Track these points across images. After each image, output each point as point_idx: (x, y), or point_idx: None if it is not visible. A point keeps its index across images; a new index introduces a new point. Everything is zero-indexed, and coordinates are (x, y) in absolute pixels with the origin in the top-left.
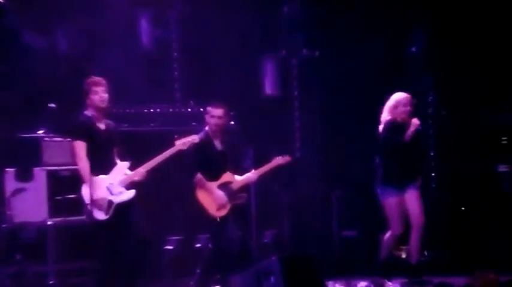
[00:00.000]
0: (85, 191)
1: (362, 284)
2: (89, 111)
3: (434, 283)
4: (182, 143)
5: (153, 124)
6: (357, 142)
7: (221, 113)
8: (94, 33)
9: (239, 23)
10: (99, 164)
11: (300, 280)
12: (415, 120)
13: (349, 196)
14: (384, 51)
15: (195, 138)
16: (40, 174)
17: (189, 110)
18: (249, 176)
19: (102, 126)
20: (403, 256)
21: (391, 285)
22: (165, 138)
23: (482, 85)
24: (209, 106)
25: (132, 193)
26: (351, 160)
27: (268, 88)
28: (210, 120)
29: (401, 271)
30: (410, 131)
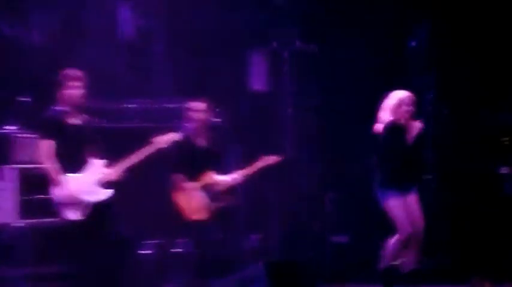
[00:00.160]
0: (57, 191)
1: None
2: (60, 106)
3: None
4: (161, 140)
5: (133, 120)
6: (353, 142)
7: (203, 107)
8: (71, 22)
9: (227, 12)
10: (72, 163)
11: None
12: (418, 123)
13: (343, 198)
14: (384, 46)
15: (174, 135)
16: (11, 173)
17: (173, 106)
18: (234, 177)
19: (75, 121)
20: (397, 263)
21: None
22: (145, 135)
23: (484, 84)
24: (191, 102)
25: (109, 192)
26: (346, 161)
27: (256, 83)
28: (192, 116)
29: (401, 280)
30: (413, 134)
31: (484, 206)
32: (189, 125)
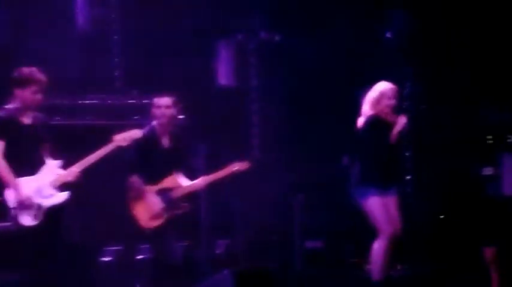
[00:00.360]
0: (9, 195)
1: None
2: (12, 104)
3: None
4: (122, 138)
5: (89, 117)
6: (324, 140)
7: (168, 102)
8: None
9: (189, 2)
10: (25, 164)
11: None
12: (402, 118)
13: (313, 201)
14: (356, 36)
15: (136, 133)
16: None
17: (131, 101)
18: (196, 183)
19: (27, 120)
20: (365, 268)
21: None
22: (103, 133)
23: (465, 78)
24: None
25: (65, 195)
26: (317, 161)
27: (222, 77)
28: (156, 112)
29: None
30: (397, 130)
31: (466, 209)
32: (155, 123)
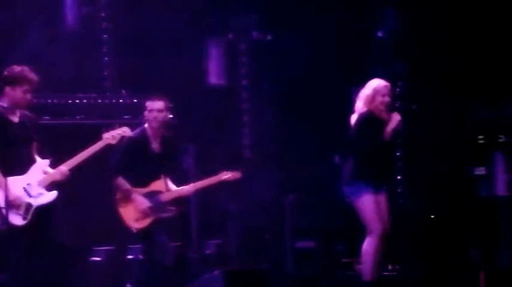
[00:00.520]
0: None
1: None
2: (1, 102)
3: None
4: (111, 136)
5: (78, 117)
6: (316, 140)
7: (161, 106)
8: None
9: (180, 1)
10: (13, 163)
11: None
12: (397, 115)
13: (305, 201)
14: (347, 34)
15: (125, 130)
16: None
17: (121, 101)
18: (185, 189)
19: (16, 119)
20: (356, 268)
21: None
22: (93, 132)
23: (457, 78)
24: (148, 100)
25: (54, 194)
26: (308, 160)
27: (213, 77)
28: (148, 116)
29: None
30: (391, 127)
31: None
32: (147, 125)
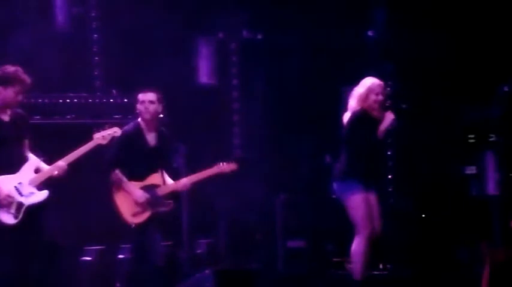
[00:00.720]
0: None
1: None
2: None
3: None
4: (101, 136)
5: (69, 116)
6: (306, 139)
7: (152, 97)
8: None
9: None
10: (4, 162)
11: None
12: (390, 114)
13: (296, 201)
14: (338, 34)
15: (116, 131)
16: None
17: (111, 100)
18: (182, 183)
19: (6, 118)
20: (347, 267)
21: None
22: (83, 132)
23: (447, 77)
24: (139, 93)
25: (45, 193)
26: (299, 160)
27: (203, 76)
28: (140, 108)
29: None
30: (384, 126)
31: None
32: (140, 119)
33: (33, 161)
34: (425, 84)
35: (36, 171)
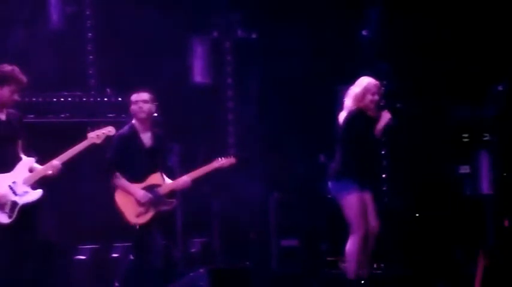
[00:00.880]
0: None
1: None
2: None
3: None
4: (96, 135)
5: (63, 115)
6: (300, 138)
7: (146, 97)
8: None
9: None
10: None
11: None
12: (387, 113)
13: (290, 199)
14: (332, 33)
15: (110, 130)
16: None
17: (106, 99)
18: (182, 180)
19: (2, 117)
20: (341, 266)
21: None
22: (78, 131)
23: (441, 76)
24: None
25: (39, 193)
26: (293, 159)
27: (198, 75)
28: (134, 108)
29: None
30: (381, 125)
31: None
32: (134, 120)
33: (27, 160)
34: (419, 84)
35: (30, 170)
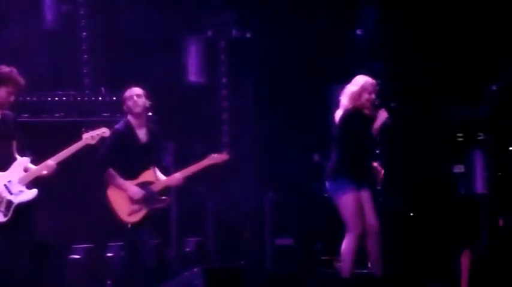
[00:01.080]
0: None
1: None
2: None
3: None
4: (90, 136)
5: (57, 114)
6: (295, 138)
7: (139, 91)
8: None
9: None
10: None
11: None
12: (383, 112)
13: (284, 199)
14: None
15: (105, 131)
16: None
17: (100, 98)
18: (175, 177)
19: None
20: (336, 265)
21: None
22: (72, 130)
23: (436, 74)
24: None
25: (34, 192)
26: (287, 158)
27: (192, 74)
28: (129, 104)
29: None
30: (378, 124)
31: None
32: (129, 117)
33: (22, 160)
34: (413, 83)
35: (25, 170)
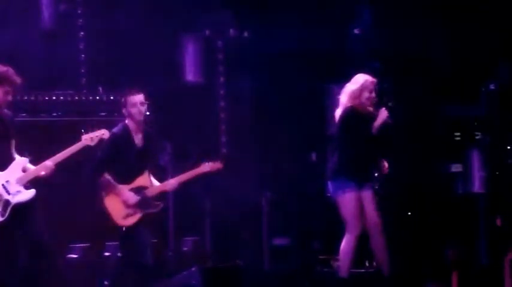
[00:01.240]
0: None
1: None
2: None
3: None
4: (89, 138)
5: (55, 114)
6: (292, 138)
7: (142, 98)
8: None
9: None
10: None
11: None
12: (384, 111)
13: (281, 199)
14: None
15: (104, 133)
16: None
17: (97, 98)
18: (169, 183)
19: None
20: (333, 265)
21: None
22: (69, 129)
23: (434, 74)
24: (127, 95)
25: (32, 192)
26: (285, 158)
27: (190, 74)
28: (131, 110)
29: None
30: (378, 123)
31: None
32: (128, 121)
33: (21, 160)
34: (411, 82)
35: (24, 170)
